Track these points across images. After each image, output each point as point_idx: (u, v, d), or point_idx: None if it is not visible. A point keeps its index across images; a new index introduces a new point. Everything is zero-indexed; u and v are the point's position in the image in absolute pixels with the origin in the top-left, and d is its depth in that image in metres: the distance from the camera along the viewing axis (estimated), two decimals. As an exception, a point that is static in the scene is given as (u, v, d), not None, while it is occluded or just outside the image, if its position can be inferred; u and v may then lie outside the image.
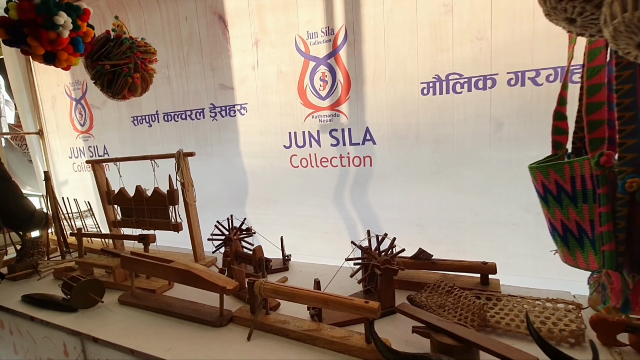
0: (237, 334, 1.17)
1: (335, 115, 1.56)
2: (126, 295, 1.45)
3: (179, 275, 1.28)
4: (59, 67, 1.17)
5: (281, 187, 1.77)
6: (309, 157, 1.67)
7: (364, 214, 1.62)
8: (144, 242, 1.60)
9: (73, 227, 2.24)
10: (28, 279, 1.83)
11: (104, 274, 1.71)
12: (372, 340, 1.01)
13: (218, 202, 1.92)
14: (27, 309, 1.43)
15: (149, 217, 1.84)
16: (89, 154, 2.40)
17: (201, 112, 1.90)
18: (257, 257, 1.30)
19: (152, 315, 1.32)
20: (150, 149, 2.11)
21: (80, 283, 1.37)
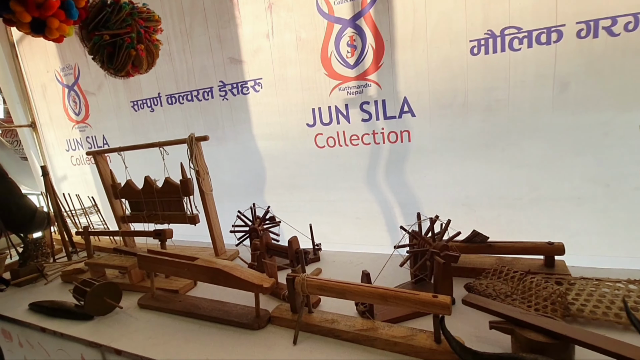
0: (278, 337, 1.04)
1: (365, 85, 1.38)
2: (146, 297, 1.31)
3: (207, 274, 1.14)
4: (50, 39, 0.98)
5: (305, 171, 1.61)
6: (337, 136, 1.50)
7: (402, 196, 1.47)
8: (160, 238, 1.45)
9: (77, 225, 2.09)
10: (34, 284, 1.70)
11: (117, 275, 1.57)
12: (442, 339, 0.87)
13: (234, 191, 1.76)
14: (37, 319, 1.29)
15: (161, 210, 1.69)
16: (87, 146, 2.22)
17: (209, 91, 1.72)
18: (294, 249, 1.15)
19: (178, 319, 1.18)
20: (154, 136, 1.93)
21: (94, 288, 1.22)
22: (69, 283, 1.64)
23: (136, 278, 1.46)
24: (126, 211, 1.79)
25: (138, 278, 1.47)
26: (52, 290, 1.59)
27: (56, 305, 1.32)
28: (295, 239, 1.18)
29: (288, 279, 1.08)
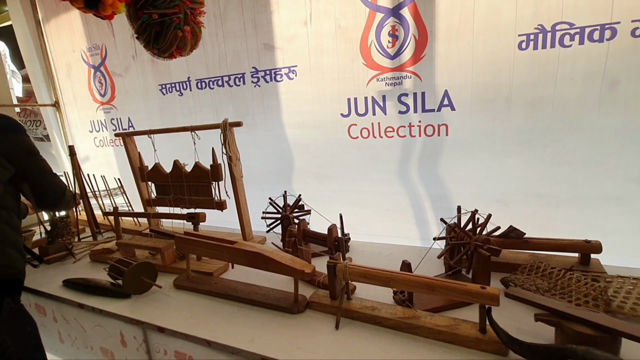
0: (318, 322, 1.06)
1: (405, 77, 1.38)
2: (181, 278, 1.34)
3: (247, 258, 1.16)
4: (102, 15, 0.99)
5: (336, 161, 1.62)
6: (371, 127, 1.50)
7: (434, 189, 1.48)
8: (193, 221, 1.48)
9: (101, 205, 2.11)
10: (62, 262, 1.73)
11: (147, 256, 1.60)
12: (487, 329, 0.90)
13: (260, 178, 1.77)
14: (73, 295, 1.32)
15: (188, 194, 1.70)
16: (112, 128, 2.23)
17: (241, 77, 1.72)
18: (334, 237, 1.17)
19: (215, 300, 1.21)
20: (182, 120, 1.94)
21: (133, 267, 1.25)
22: (97, 262, 1.67)
23: (169, 259, 1.49)
24: (152, 194, 1.80)
25: (170, 259, 1.49)
26: (81, 268, 1.62)
27: (91, 282, 1.36)
28: (335, 227, 1.20)
29: (329, 265, 1.10)
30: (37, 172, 1.36)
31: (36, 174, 1.35)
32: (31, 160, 1.32)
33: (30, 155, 1.33)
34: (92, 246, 1.87)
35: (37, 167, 1.36)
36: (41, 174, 1.38)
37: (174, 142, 1.90)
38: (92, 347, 1.35)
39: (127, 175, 2.00)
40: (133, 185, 1.88)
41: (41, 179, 1.37)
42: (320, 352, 0.92)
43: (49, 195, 1.44)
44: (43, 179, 1.38)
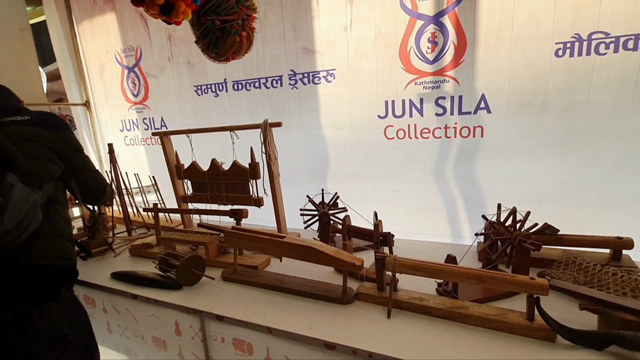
0: (369, 312, 1.14)
1: (443, 81, 1.46)
2: (229, 271, 1.41)
3: (297, 251, 1.24)
4: (173, 21, 1.06)
5: (371, 161, 1.70)
6: (407, 128, 1.58)
7: (468, 189, 1.56)
8: (236, 217, 1.54)
9: (132, 202, 2.18)
10: (102, 256, 1.80)
11: (188, 251, 1.67)
12: (536, 317, 0.97)
13: (294, 177, 1.85)
14: (125, 287, 1.38)
15: (225, 191, 1.77)
16: (144, 127, 2.30)
17: (279, 79, 1.79)
18: (380, 232, 1.24)
19: (265, 292, 1.28)
20: (216, 121, 2.02)
21: (186, 259, 1.32)
22: (137, 257, 1.74)
23: (212, 253, 1.56)
24: (187, 191, 1.87)
25: (214, 253, 1.56)
26: (123, 262, 1.69)
27: (141, 275, 1.42)
28: (381, 223, 1.27)
29: (378, 258, 1.17)
30: (82, 168, 1.42)
31: (82, 169, 1.41)
32: (77, 157, 1.38)
33: (77, 152, 1.39)
34: (128, 241, 1.94)
35: (83, 163, 1.43)
36: (86, 170, 1.44)
37: (207, 142, 1.97)
38: (144, 337, 1.42)
39: (158, 173, 2.08)
40: (164, 182, 1.96)
41: (86, 175, 1.43)
42: (377, 339, 0.99)
43: (93, 190, 1.51)
44: (87, 174, 1.45)
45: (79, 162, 1.41)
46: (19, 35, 2.14)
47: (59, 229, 1.24)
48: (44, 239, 1.16)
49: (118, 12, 2.17)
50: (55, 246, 1.19)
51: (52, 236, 1.19)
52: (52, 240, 1.19)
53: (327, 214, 1.57)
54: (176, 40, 2.02)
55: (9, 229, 0.97)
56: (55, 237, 1.20)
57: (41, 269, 1.13)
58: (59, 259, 1.18)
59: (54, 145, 1.29)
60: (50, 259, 1.15)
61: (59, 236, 1.23)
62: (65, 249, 1.24)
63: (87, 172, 1.45)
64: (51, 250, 1.17)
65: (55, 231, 1.21)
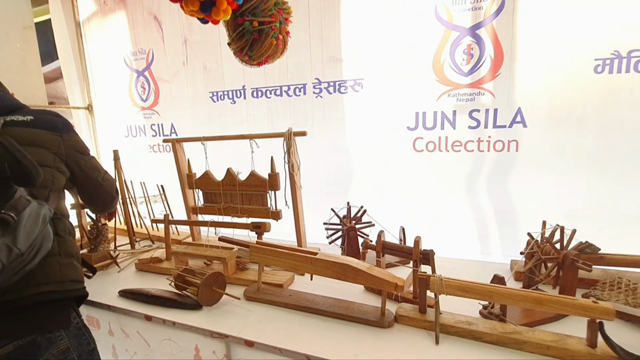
0: (412, 336, 1.07)
1: (478, 93, 1.44)
2: (252, 290, 1.32)
3: (333, 269, 1.16)
4: (211, 19, 1.00)
5: (397, 173, 1.66)
6: (438, 141, 1.55)
7: (499, 204, 1.53)
8: (258, 231, 1.46)
9: (137, 213, 2.06)
10: (105, 270, 1.67)
11: (202, 266, 1.56)
12: (599, 344, 0.91)
13: (315, 189, 1.78)
14: (138, 307, 1.27)
15: (240, 203, 1.68)
16: (151, 133, 2.21)
17: (302, 87, 1.75)
18: (419, 249, 1.18)
19: (294, 313, 1.20)
20: (232, 129, 1.95)
21: (208, 277, 1.23)
22: (144, 272, 1.62)
23: (232, 270, 1.46)
24: (198, 202, 1.78)
25: (233, 270, 1.47)
26: (129, 278, 1.58)
27: (155, 294, 1.31)
28: (420, 239, 1.20)
29: (421, 278, 1.10)
30: (94, 172, 1.31)
31: (93, 174, 1.30)
32: (86, 161, 1.27)
33: (85, 155, 1.28)
34: (133, 255, 1.82)
35: (93, 167, 1.32)
36: (97, 173, 1.33)
37: (220, 150, 1.89)
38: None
39: (164, 182, 1.98)
40: (170, 192, 1.86)
41: (97, 179, 1.33)
42: (430, 366, 0.92)
43: (104, 194, 1.39)
44: (99, 178, 1.34)
45: (89, 167, 1.30)
46: (22, 33, 2.04)
47: (70, 248, 1.13)
48: (55, 261, 1.05)
49: (130, 14, 2.10)
50: (67, 269, 1.07)
51: (63, 257, 1.08)
52: (63, 261, 1.07)
53: (355, 228, 1.50)
54: (192, 44, 1.96)
55: (23, 250, 0.87)
56: (66, 258, 1.09)
57: (51, 295, 1.01)
58: (70, 282, 1.07)
59: (60, 151, 1.17)
60: (61, 284, 1.04)
61: (70, 257, 1.11)
62: (77, 271, 1.13)
63: (98, 175, 1.34)
64: (63, 274, 1.05)
65: (67, 251, 1.10)
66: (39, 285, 0.98)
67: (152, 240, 2.03)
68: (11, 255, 0.83)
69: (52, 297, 1.01)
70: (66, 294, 1.05)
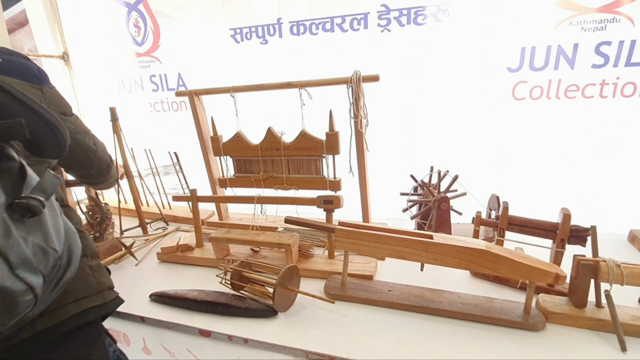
0: (579, 341, 0.81)
1: (611, 20, 1.10)
2: (334, 286, 1.00)
3: (458, 257, 0.88)
4: None
5: (488, 129, 1.34)
6: (547, 85, 1.23)
7: (622, 169, 1.22)
8: (328, 207, 1.11)
9: (145, 187, 1.65)
10: (117, 263, 1.29)
11: (250, 254, 1.21)
12: None
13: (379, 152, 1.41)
14: (185, 317, 0.92)
15: (286, 172, 1.32)
16: (152, 87, 1.74)
17: (362, 18, 1.35)
18: (568, 225, 0.88)
19: (402, 315, 0.92)
20: (265, 78, 1.51)
21: (285, 272, 0.89)
22: (169, 263, 1.26)
23: (295, 258, 1.12)
24: (226, 172, 1.39)
25: (297, 259, 1.13)
26: (154, 273, 1.23)
27: (203, 298, 0.95)
28: (569, 212, 0.90)
29: (584, 264, 0.81)
30: (81, 137, 0.94)
31: (81, 140, 0.93)
32: (70, 123, 0.90)
33: (68, 116, 0.90)
34: (147, 242, 1.43)
35: (79, 130, 0.94)
36: (86, 140, 0.96)
37: (249, 107, 1.49)
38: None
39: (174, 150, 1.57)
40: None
41: (87, 146, 0.96)
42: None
43: (97, 164, 1.03)
44: (88, 145, 0.97)
45: (78, 131, 0.94)
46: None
47: (91, 244, 0.82)
48: (85, 265, 0.75)
49: None
50: (100, 273, 0.79)
51: (90, 259, 0.79)
52: (93, 264, 0.78)
53: (447, 199, 1.18)
54: (204, -38, 1.46)
55: (60, 251, 0.57)
56: (93, 260, 0.79)
57: (95, 312, 0.73)
58: (108, 291, 0.78)
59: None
60: (102, 295, 0.75)
61: (95, 256, 0.82)
62: (107, 275, 0.83)
63: (89, 139, 0.97)
64: (99, 281, 0.77)
65: (91, 249, 0.80)
66: (78, 301, 0.69)
67: (166, 221, 1.64)
68: (49, 260, 0.54)
69: (96, 314, 0.73)
70: (110, 307, 0.77)
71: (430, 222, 1.26)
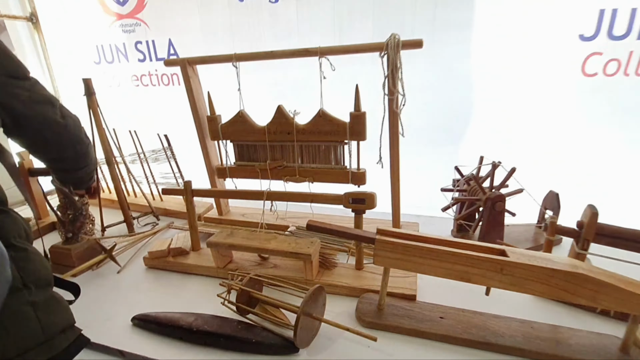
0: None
1: None
2: (367, 309, 0.78)
3: (547, 282, 0.65)
4: None
5: (550, 112, 1.10)
6: (627, 58, 1.00)
7: None
8: (358, 207, 0.89)
9: (130, 177, 1.41)
10: (95, 270, 1.07)
11: (259, 261, 0.99)
12: None
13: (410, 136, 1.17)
14: (176, 351, 0.71)
15: (299, 160, 1.10)
16: (137, 56, 1.47)
17: (397, -29, 1.07)
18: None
19: (462, 353, 0.70)
20: (272, 44, 1.25)
21: (310, 297, 0.67)
22: (159, 270, 1.04)
23: (315, 271, 0.90)
24: (226, 159, 1.16)
25: (316, 271, 0.91)
26: (139, 284, 1.01)
27: (203, 328, 0.73)
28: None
29: None
30: (40, 108, 0.74)
31: (40, 111, 0.74)
32: (23, 89, 0.70)
33: (19, 79, 0.70)
34: (133, 241, 1.20)
35: (37, 98, 0.73)
36: (48, 110, 0.75)
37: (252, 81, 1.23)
38: None
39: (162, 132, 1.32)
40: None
41: (50, 119, 0.76)
42: None
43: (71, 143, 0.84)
44: (52, 117, 0.76)
45: (35, 99, 0.72)
46: None
47: (39, 267, 0.58)
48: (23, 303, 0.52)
49: None
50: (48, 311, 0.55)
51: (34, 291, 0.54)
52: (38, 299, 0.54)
53: (503, 197, 0.95)
54: None
55: None
56: (40, 291, 0.55)
57: None
58: (61, 336, 0.55)
59: None
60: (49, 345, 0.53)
61: (44, 285, 0.58)
62: (63, 308, 0.60)
63: (54, 110, 0.77)
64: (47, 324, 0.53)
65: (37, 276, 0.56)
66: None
67: (156, 215, 1.40)
68: None
69: None
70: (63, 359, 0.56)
71: (477, 224, 1.04)
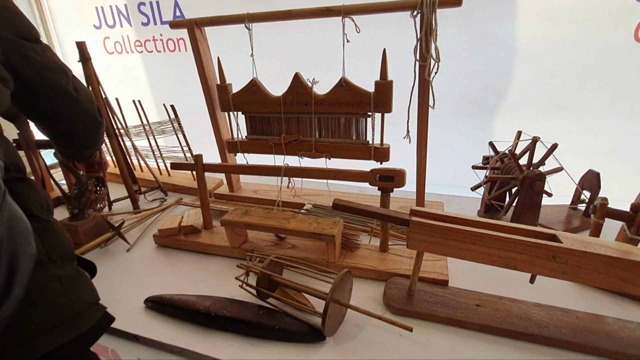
0: None
1: None
2: (397, 295, 0.73)
3: (601, 271, 0.59)
4: None
5: (592, 81, 0.98)
6: None
7: None
8: (385, 186, 0.81)
9: (135, 151, 1.34)
10: (103, 248, 1.02)
11: (275, 241, 0.94)
12: None
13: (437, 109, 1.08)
14: (191, 339, 0.66)
15: (316, 134, 1.01)
16: (141, 20, 1.35)
17: None
18: None
19: (502, 344, 0.64)
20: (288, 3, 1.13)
21: (338, 282, 0.61)
22: (169, 248, 0.99)
23: (338, 252, 0.84)
24: (237, 133, 1.07)
25: (339, 252, 0.85)
26: (150, 263, 0.96)
27: (222, 313, 0.68)
28: None
29: None
30: (51, 74, 0.65)
31: (52, 77, 0.66)
32: (34, 51, 0.62)
33: (32, 42, 0.62)
34: (140, 218, 1.15)
35: (49, 64, 0.65)
36: (60, 77, 0.67)
37: (267, 46, 1.12)
38: None
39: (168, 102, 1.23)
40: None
41: (62, 88, 0.68)
42: None
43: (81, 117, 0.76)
44: (65, 87, 0.68)
45: (47, 65, 0.65)
46: None
47: (62, 239, 0.55)
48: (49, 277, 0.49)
49: None
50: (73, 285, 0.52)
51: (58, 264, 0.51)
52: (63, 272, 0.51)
53: (543, 176, 0.87)
54: None
55: None
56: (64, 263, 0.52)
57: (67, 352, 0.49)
58: (88, 312, 0.52)
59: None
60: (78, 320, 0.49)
61: (68, 258, 0.55)
62: (87, 284, 0.57)
63: (66, 79, 0.69)
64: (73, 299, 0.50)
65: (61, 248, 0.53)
66: (32, 340, 0.44)
67: (164, 190, 1.34)
68: None
69: (71, 352, 0.49)
70: (91, 337, 0.53)
71: (510, 204, 0.96)
